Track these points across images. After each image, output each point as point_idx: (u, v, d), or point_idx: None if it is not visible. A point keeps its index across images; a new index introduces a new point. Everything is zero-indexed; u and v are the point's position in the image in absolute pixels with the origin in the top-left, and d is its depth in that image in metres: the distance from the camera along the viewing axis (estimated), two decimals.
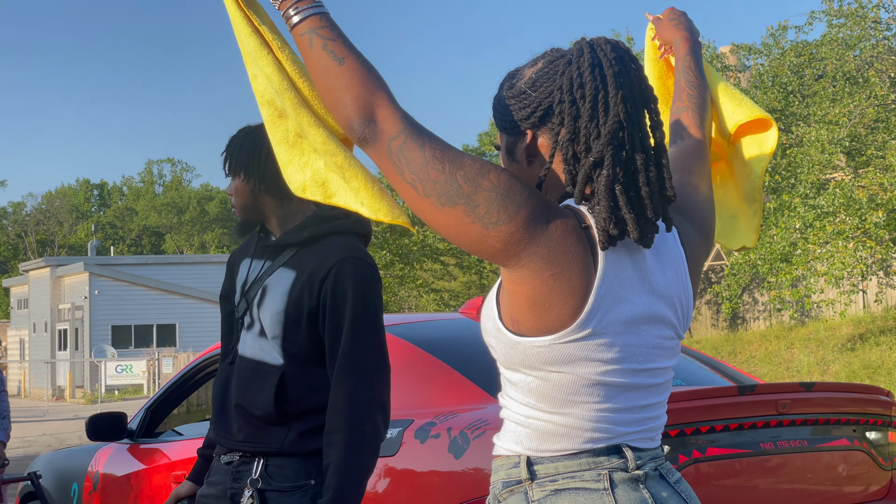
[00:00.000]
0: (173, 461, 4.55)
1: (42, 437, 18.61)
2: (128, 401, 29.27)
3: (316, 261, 2.80)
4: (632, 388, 1.83)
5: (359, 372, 2.72)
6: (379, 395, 2.75)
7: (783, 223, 17.57)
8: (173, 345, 36.70)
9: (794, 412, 3.52)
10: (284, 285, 2.82)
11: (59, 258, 41.70)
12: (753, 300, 21.92)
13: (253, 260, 2.95)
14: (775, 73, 19.93)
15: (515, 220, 1.73)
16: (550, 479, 1.81)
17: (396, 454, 3.57)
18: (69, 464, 5.46)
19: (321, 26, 1.88)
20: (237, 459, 2.86)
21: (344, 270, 2.76)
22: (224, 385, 2.93)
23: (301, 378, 2.80)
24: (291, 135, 2.27)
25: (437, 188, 1.75)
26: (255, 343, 2.86)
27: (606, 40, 1.83)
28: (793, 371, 17.61)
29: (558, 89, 1.82)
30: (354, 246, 2.85)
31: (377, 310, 2.80)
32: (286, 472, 2.78)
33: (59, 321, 38.84)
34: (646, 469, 1.83)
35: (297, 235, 2.86)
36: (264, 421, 2.80)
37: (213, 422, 2.96)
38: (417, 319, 4.63)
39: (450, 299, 29.42)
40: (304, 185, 2.25)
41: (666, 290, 1.87)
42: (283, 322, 2.79)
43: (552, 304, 1.75)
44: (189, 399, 5.29)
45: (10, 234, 74.83)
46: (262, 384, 2.80)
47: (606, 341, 1.78)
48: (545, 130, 1.87)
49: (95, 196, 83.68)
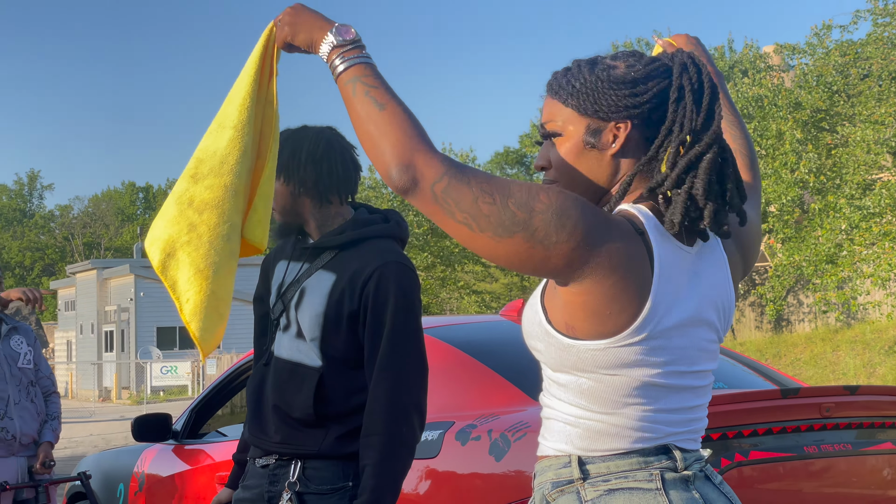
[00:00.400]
0: (217, 462, 4.59)
1: (89, 437, 18.83)
2: (172, 402, 29.53)
3: (357, 264, 2.81)
4: (679, 389, 1.85)
5: (397, 375, 2.74)
6: (416, 398, 2.76)
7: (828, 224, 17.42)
8: (217, 346, 36.94)
9: (838, 415, 3.49)
10: (324, 288, 2.82)
11: (105, 261, 42.17)
12: (798, 302, 21.72)
13: (290, 262, 2.95)
14: (820, 73, 19.75)
15: (575, 236, 1.73)
16: (603, 479, 1.82)
17: (437, 456, 3.58)
18: (115, 464, 5.52)
19: (366, 74, 1.89)
20: (274, 462, 2.86)
21: (386, 274, 2.77)
22: (259, 387, 2.93)
23: (339, 380, 2.81)
24: (186, 198, 2.25)
25: (492, 221, 1.74)
26: (292, 345, 2.86)
27: (690, 55, 1.92)
28: (839, 374, 17.43)
29: (676, 89, 1.86)
30: (395, 250, 2.86)
31: (417, 314, 2.81)
32: (324, 474, 2.79)
33: (106, 323, 39.27)
34: (693, 469, 1.85)
35: (337, 238, 2.87)
36: (302, 423, 2.80)
37: (248, 424, 2.96)
38: (458, 322, 4.64)
39: (491, 301, 29.41)
40: (154, 241, 2.25)
41: (711, 292, 1.90)
42: (322, 324, 2.80)
43: (612, 311, 1.77)
44: (233, 400, 5.33)
45: (57, 237, 75.77)
46: (301, 386, 2.81)
47: (659, 344, 1.80)
48: (640, 124, 1.88)
49: (140, 199, 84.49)
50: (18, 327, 5.35)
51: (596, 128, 1.90)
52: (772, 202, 19.08)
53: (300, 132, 2.93)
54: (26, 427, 5.14)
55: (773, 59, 25.88)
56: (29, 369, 5.25)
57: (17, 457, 5.14)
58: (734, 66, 27.61)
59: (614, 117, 1.89)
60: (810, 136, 19.84)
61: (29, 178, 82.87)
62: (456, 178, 1.76)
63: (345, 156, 2.94)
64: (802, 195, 19.55)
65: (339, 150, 2.93)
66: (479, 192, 1.75)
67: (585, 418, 1.84)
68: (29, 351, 5.29)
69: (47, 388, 5.39)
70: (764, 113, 20.06)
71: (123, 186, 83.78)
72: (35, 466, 5.16)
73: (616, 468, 1.82)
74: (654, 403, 1.83)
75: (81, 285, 41.30)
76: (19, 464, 5.15)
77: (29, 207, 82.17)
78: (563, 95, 1.92)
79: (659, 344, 1.80)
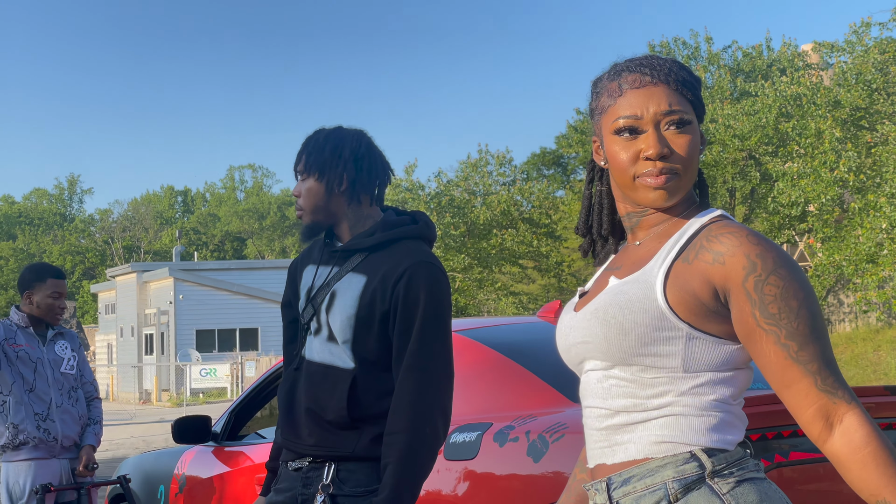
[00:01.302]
0: (256, 464, 4.62)
1: (129, 439, 18.99)
2: (212, 404, 29.71)
3: (388, 265, 2.81)
4: None
5: (423, 375, 2.74)
6: (441, 400, 2.76)
7: (868, 223, 17.25)
8: (255, 349, 37.17)
9: (878, 416, 3.46)
10: (355, 290, 2.82)
11: (144, 264, 42.51)
12: (839, 302, 21.53)
13: (319, 266, 2.95)
14: (859, 71, 19.56)
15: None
16: (728, 471, 1.80)
17: (475, 458, 3.58)
18: (156, 466, 5.57)
19: None
20: (307, 465, 2.86)
21: (417, 274, 2.78)
22: (291, 390, 2.93)
23: (372, 382, 2.81)
24: None
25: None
26: (323, 347, 2.86)
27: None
28: (880, 374, 17.25)
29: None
30: (425, 251, 2.87)
31: (446, 316, 2.81)
32: (358, 476, 2.79)
33: (146, 326, 39.59)
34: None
35: (367, 240, 2.87)
36: (336, 425, 2.80)
37: (280, 427, 2.95)
38: (496, 323, 4.64)
39: (528, 302, 29.36)
40: None
41: None
42: (353, 326, 2.80)
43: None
44: (271, 402, 5.36)
45: (97, 241, 76.48)
46: (334, 388, 2.81)
47: None
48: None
49: (179, 202, 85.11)
50: (64, 333, 5.42)
51: (701, 130, 1.96)
52: (811, 201, 18.92)
53: (338, 131, 2.94)
54: (67, 430, 5.21)
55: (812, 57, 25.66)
56: (71, 374, 5.31)
57: (59, 459, 5.21)
58: (772, 65, 27.40)
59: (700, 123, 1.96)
60: (850, 135, 19.66)
61: (69, 183, 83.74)
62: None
63: (382, 158, 2.97)
64: (842, 194, 19.36)
65: (377, 151, 2.96)
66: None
67: (716, 410, 1.83)
68: (73, 356, 5.36)
69: (90, 394, 5.45)
70: (803, 112, 19.90)
71: (162, 190, 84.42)
72: (78, 469, 5.23)
73: (732, 458, 1.82)
74: (743, 396, 1.89)
75: (121, 288, 41.67)
76: (62, 466, 5.22)
77: (69, 211, 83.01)
78: (683, 90, 1.90)
79: None
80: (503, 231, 28.35)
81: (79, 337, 5.59)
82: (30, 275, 5.31)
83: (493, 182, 29.88)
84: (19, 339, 5.21)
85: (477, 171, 29.81)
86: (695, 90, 1.91)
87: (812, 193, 18.62)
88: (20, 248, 71.55)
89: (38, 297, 5.27)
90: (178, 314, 37.20)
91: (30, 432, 5.10)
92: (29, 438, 5.11)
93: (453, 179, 29.68)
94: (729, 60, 28.13)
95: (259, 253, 73.37)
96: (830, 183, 18.48)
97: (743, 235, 1.80)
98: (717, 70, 25.97)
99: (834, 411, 1.73)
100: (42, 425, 5.14)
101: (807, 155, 19.48)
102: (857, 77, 19.56)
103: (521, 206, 29.52)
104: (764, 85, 21.87)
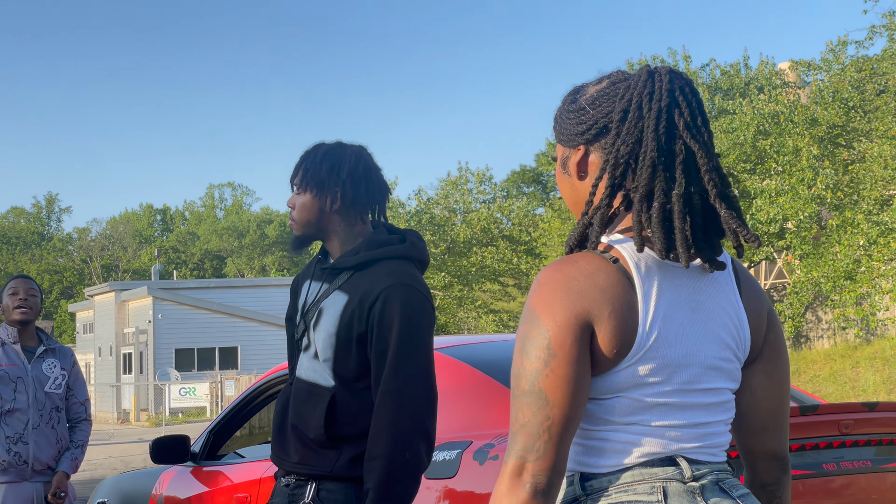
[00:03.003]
0: (235, 483, 4.59)
1: (108, 459, 18.85)
2: (191, 423, 29.55)
3: (368, 285, 2.82)
4: (687, 406, 1.84)
5: (402, 399, 2.72)
6: (422, 424, 2.74)
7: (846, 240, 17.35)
8: (235, 367, 37.02)
9: (857, 432, 3.47)
10: (337, 308, 2.84)
11: (123, 283, 42.31)
12: (817, 318, 21.62)
13: (312, 282, 2.97)
14: (836, 89, 19.71)
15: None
16: (605, 494, 1.82)
17: (455, 476, 3.57)
18: (134, 487, 5.53)
19: None
20: (293, 482, 2.89)
21: (392, 296, 2.77)
22: (283, 406, 2.96)
23: (352, 401, 2.81)
24: None
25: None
26: (309, 365, 2.88)
27: (668, 70, 1.88)
28: (858, 390, 17.32)
29: (616, 111, 1.87)
30: (407, 271, 2.86)
31: (425, 337, 2.80)
32: (337, 496, 2.80)
33: (124, 345, 39.37)
34: (704, 481, 1.83)
35: (352, 259, 2.88)
36: (317, 443, 2.82)
37: (272, 444, 2.99)
38: (476, 341, 4.64)
39: (509, 320, 29.37)
40: None
41: (717, 310, 1.89)
42: (334, 345, 2.81)
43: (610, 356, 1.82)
44: (251, 421, 5.33)
45: (75, 260, 76.12)
46: (315, 406, 2.82)
47: (655, 366, 1.81)
48: (597, 148, 1.91)
49: (158, 221, 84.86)
50: (56, 349, 5.26)
51: (565, 155, 1.97)
52: (789, 219, 19.02)
53: (338, 149, 2.94)
54: (41, 453, 5.07)
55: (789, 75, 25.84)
56: (57, 394, 5.16)
57: (31, 482, 5.08)
58: (750, 83, 27.58)
59: (571, 144, 1.95)
60: (827, 153, 19.79)
61: (47, 202, 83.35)
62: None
63: (379, 176, 2.97)
64: (820, 211, 19.48)
65: (375, 170, 2.96)
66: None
67: (587, 437, 1.84)
68: (61, 375, 5.20)
69: (78, 415, 5.30)
70: (780, 129, 20.03)
71: (141, 208, 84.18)
72: (48, 496, 5.11)
73: (618, 481, 1.81)
74: (662, 419, 1.82)
75: (100, 308, 41.45)
76: (35, 490, 5.09)
77: (47, 230, 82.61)
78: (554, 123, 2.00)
79: (655, 366, 1.81)
80: (483, 249, 28.38)
81: (72, 354, 5.44)
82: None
83: (473, 200, 29.93)
84: (0, 358, 5.13)
85: (457, 189, 29.85)
86: (554, 124, 1.99)
87: (790, 211, 18.73)
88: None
89: (3, 305, 5.17)
90: (156, 333, 37.02)
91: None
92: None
93: (433, 197, 29.71)
94: (707, 79, 28.30)
95: (238, 271, 73.17)
96: (808, 200, 18.59)
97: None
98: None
99: None
100: (13, 448, 5.01)
101: (784, 172, 19.59)
102: (833, 95, 19.70)
103: (501, 223, 29.57)
104: (742, 103, 22.01)
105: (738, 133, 20.52)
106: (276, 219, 74.78)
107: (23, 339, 5.19)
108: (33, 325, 5.25)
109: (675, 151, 1.83)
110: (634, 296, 1.81)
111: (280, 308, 37.03)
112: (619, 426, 1.82)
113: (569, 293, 1.79)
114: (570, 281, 1.80)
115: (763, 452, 2.02)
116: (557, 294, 1.79)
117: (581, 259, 1.84)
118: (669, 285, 1.84)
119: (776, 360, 2.00)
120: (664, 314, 1.82)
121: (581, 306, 1.78)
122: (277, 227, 73.11)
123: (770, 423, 2.00)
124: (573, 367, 1.76)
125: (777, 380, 2.00)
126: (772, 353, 1.99)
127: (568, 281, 1.80)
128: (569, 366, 1.76)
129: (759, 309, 1.97)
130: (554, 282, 1.80)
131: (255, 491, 4.35)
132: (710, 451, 1.87)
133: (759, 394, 1.98)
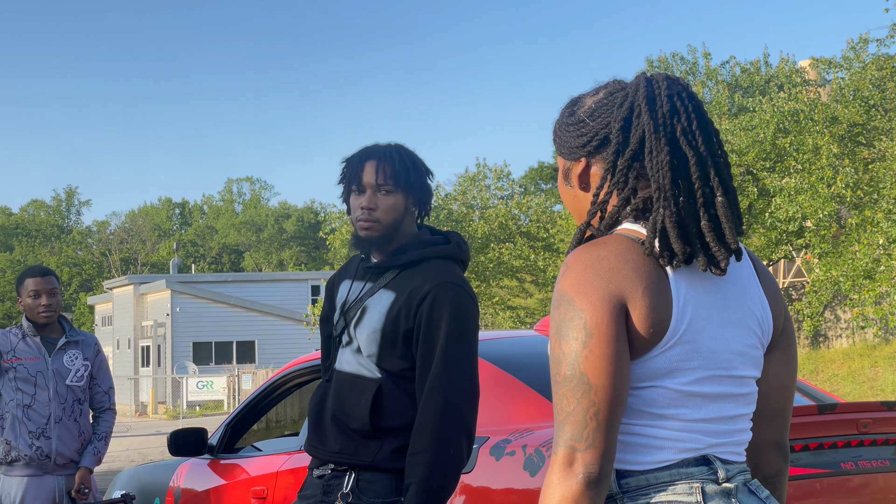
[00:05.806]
0: (252, 476, 4.61)
1: (125, 451, 18.94)
2: (208, 416, 29.65)
3: (415, 283, 2.85)
4: (717, 397, 1.84)
5: (447, 395, 2.75)
6: (465, 421, 2.78)
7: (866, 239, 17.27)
8: (252, 361, 37.14)
9: (875, 431, 3.46)
10: (383, 306, 2.87)
11: (141, 276, 42.49)
12: (836, 317, 21.53)
13: (354, 281, 3.01)
14: (856, 87, 19.60)
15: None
16: (643, 493, 1.81)
17: (472, 471, 3.58)
18: (151, 479, 5.56)
19: None
20: (329, 473, 2.91)
21: (441, 294, 2.81)
22: (321, 400, 2.99)
23: (396, 394, 2.85)
24: None
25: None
26: (352, 358, 2.92)
27: (665, 77, 1.88)
28: (877, 390, 17.25)
29: (615, 121, 1.87)
30: (454, 271, 2.90)
31: (471, 336, 2.83)
32: (377, 487, 2.82)
33: (142, 338, 39.54)
34: (736, 482, 1.83)
35: (400, 258, 2.91)
36: (359, 434, 2.84)
37: (308, 436, 3.01)
38: (493, 337, 4.64)
39: (525, 316, 29.35)
40: None
41: (743, 297, 1.90)
42: (378, 341, 2.85)
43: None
44: (268, 415, 5.36)
45: (94, 253, 76.45)
46: (360, 396, 2.86)
47: (691, 350, 1.81)
48: (599, 159, 1.92)
49: (177, 214, 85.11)
50: (79, 340, 5.20)
51: (567, 167, 1.97)
52: (808, 217, 18.94)
53: (405, 150, 2.96)
54: (63, 447, 5.07)
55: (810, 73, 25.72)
56: (78, 387, 5.13)
57: (54, 476, 5.08)
58: (770, 81, 27.46)
59: (572, 157, 1.95)
60: (847, 151, 19.69)
61: (66, 195, 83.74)
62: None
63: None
64: (839, 210, 19.39)
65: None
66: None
67: (625, 432, 1.83)
68: (83, 366, 5.16)
69: (101, 405, 5.27)
70: (800, 128, 19.94)
71: (160, 202, 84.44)
72: (72, 491, 5.12)
73: (656, 480, 1.81)
74: (695, 413, 1.82)
75: (118, 301, 41.63)
76: (57, 483, 5.10)
77: (66, 223, 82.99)
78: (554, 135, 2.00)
79: (689, 349, 1.80)
80: (501, 245, 28.36)
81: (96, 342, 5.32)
82: (16, 280, 5.25)
83: (490, 196, 29.91)
84: (20, 352, 5.09)
85: (475, 185, 29.84)
86: (554, 137, 2.00)
87: (809, 209, 18.65)
88: (17, 259, 71.50)
89: (22, 300, 5.15)
90: (174, 326, 37.16)
91: (21, 450, 5.01)
92: (20, 456, 5.01)
93: (451, 193, 29.71)
94: (727, 76, 28.19)
95: (256, 265, 73.35)
96: (828, 199, 18.50)
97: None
98: (715, 85, 26.01)
99: None
100: (35, 443, 5.01)
101: (804, 171, 19.51)
102: (854, 93, 19.60)
103: (519, 219, 29.54)
104: (762, 100, 21.92)
105: (758, 131, 20.44)
106: (293, 213, 74.90)
107: (44, 332, 5.19)
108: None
109: (680, 157, 1.84)
110: (666, 276, 1.81)
111: (297, 303, 37.12)
112: (656, 419, 1.81)
113: (600, 272, 1.78)
114: (601, 260, 1.80)
115: (769, 442, 2.02)
116: (588, 274, 1.79)
117: (610, 240, 1.84)
118: (696, 271, 1.85)
119: (789, 349, 2.01)
120: (695, 300, 1.82)
121: (614, 283, 1.77)
122: (295, 221, 73.22)
123: (779, 412, 2.01)
124: (612, 346, 1.75)
125: (790, 368, 2.01)
126: (787, 342, 2.00)
127: (598, 260, 1.80)
128: (607, 344, 1.75)
129: (777, 297, 1.98)
130: (584, 263, 1.80)
131: (272, 484, 4.37)
132: (736, 449, 1.88)
133: (774, 382, 1.99)
